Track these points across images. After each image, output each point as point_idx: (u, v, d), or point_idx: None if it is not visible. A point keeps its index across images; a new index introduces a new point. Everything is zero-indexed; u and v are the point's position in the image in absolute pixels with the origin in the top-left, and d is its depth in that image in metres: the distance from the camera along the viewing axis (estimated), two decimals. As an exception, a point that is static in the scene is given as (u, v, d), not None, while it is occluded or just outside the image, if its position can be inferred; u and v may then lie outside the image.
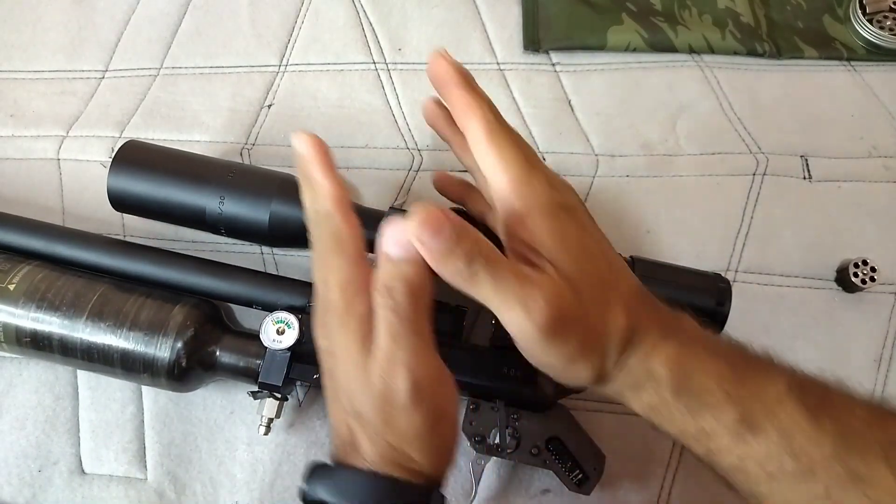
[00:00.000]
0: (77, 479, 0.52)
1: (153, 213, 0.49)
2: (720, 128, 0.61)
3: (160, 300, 0.48)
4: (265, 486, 0.51)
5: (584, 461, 0.45)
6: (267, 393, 0.47)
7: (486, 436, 0.46)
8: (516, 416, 0.46)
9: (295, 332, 0.46)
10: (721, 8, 0.65)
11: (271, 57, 0.65)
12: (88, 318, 0.46)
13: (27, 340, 0.47)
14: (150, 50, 0.66)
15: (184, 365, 0.46)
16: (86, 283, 0.48)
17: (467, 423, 0.46)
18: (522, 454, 0.45)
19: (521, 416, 0.46)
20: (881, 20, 0.64)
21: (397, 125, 0.61)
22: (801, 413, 0.34)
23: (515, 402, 0.46)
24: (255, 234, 0.49)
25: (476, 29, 0.66)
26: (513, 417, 0.46)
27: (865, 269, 0.54)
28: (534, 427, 0.46)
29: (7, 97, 0.64)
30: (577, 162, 0.59)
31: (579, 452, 0.45)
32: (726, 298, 0.46)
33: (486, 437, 0.45)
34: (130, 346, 0.46)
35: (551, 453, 0.45)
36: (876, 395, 0.52)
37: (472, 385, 0.46)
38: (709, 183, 0.58)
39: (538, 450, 0.45)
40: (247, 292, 0.49)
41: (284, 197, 0.47)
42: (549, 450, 0.45)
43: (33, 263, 0.49)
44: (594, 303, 0.34)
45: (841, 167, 0.59)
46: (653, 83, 0.63)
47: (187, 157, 0.50)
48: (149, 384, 0.49)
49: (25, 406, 0.53)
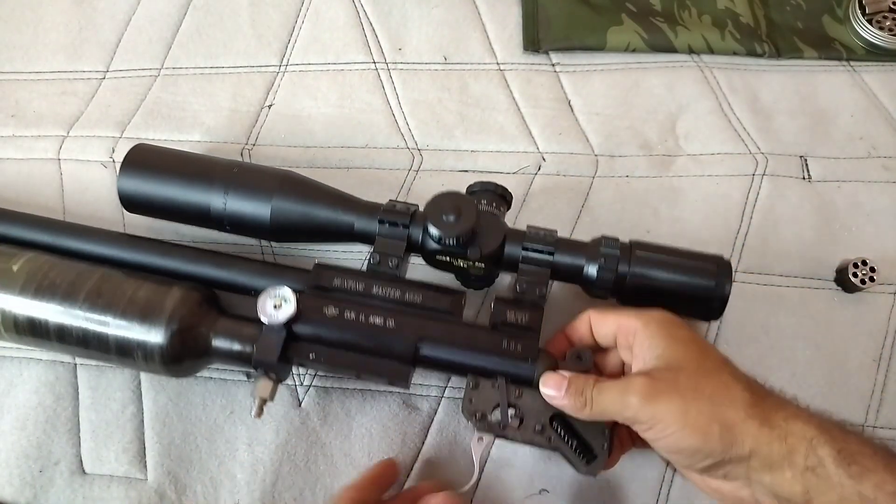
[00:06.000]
0: (78, 480, 0.52)
1: (161, 212, 0.52)
2: (720, 128, 0.61)
3: (156, 284, 0.48)
4: (266, 487, 0.51)
5: (591, 439, 0.44)
6: (262, 372, 0.47)
7: (488, 413, 0.45)
8: (518, 393, 0.45)
9: (292, 307, 0.45)
10: (720, 8, 0.65)
11: (271, 57, 0.65)
12: (85, 300, 0.47)
13: (25, 326, 0.47)
14: (151, 50, 0.66)
15: (178, 347, 0.46)
16: (85, 268, 0.49)
17: (467, 400, 0.45)
18: (526, 432, 0.44)
19: (524, 394, 0.45)
20: (881, 20, 0.64)
21: (397, 125, 0.61)
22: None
23: (516, 379, 0.46)
24: (257, 229, 0.50)
25: (476, 29, 0.66)
26: (515, 394, 0.45)
27: (865, 269, 0.54)
28: (537, 404, 0.45)
29: (8, 97, 0.64)
30: (576, 162, 0.59)
31: (585, 430, 0.44)
32: (726, 278, 0.46)
33: (488, 414, 0.45)
34: (125, 328, 0.46)
35: (556, 431, 0.45)
36: (875, 395, 0.52)
37: (473, 363, 0.46)
38: (709, 183, 0.58)
39: (542, 427, 0.45)
40: (244, 279, 0.50)
41: (285, 193, 0.49)
42: (553, 427, 0.45)
43: (37, 251, 0.50)
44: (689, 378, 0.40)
45: (841, 167, 0.59)
46: (652, 83, 0.63)
47: (192, 158, 0.52)
48: (144, 369, 0.49)
49: (26, 406, 0.53)
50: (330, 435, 0.52)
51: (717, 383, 0.40)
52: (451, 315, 0.47)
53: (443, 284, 0.49)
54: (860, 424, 0.52)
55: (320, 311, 0.46)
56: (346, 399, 0.53)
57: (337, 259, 0.56)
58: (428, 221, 0.46)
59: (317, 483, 0.51)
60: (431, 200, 0.47)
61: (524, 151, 0.60)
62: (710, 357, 0.42)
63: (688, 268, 0.46)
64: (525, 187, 0.58)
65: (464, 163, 0.59)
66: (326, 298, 0.47)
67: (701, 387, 0.39)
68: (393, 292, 0.47)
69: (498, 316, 0.47)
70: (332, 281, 0.48)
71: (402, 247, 0.48)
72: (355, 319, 0.46)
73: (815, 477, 0.37)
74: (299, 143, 0.61)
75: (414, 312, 0.47)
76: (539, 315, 0.47)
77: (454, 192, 0.48)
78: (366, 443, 0.52)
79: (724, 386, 0.40)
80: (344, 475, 0.51)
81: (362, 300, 0.47)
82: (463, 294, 0.48)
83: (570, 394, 0.43)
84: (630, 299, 0.47)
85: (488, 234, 0.47)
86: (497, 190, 0.50)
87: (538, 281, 0.47)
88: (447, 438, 0.52)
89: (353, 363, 0.46)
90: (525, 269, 0.48)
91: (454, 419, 0.52)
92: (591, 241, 0.48)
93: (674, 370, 0.41)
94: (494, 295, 0.48)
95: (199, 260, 0.51)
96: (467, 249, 0.47)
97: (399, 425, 0.52)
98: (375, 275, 0.48)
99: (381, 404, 0.52)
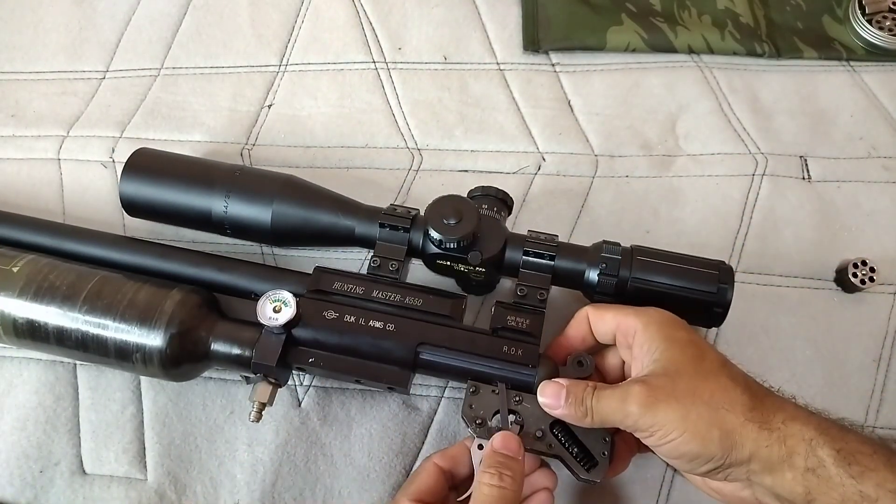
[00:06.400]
0: (78, 480, 0.52)
1: (163, 216, 0.52)
2: (720, 128, 0.61)
3: (156, 287, 0.48)
4: (266, 487, 0.51)
5: (592, 445, 0.44)
6: (261, 376, 0.46)
7: (488, 419, 0.44)
8: (518, 398, 0.45)
9: (291, 311, 0.45)
10: (720, 8, 0.65)
11: (271, 57, 0.65)
12: (84, 302, 0.47)
13: (24, 329, 0.47)
14: (151, 50, 0.66)
15: (177, 350, 0.46)
16: (85, 270, 0.49)
17: (467, 406, 0.45)
18: (526, 438, 0.44)
19: (524, 399, 0.45)
20: (880, 20, 0.64)
21: (397, 125, 0.61)
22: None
23: (516, 384, 0.45)
24: (258, 234, 0.51)
25: (476, 29, 0.66)
26: (515, 400, 0.45)
27: (864, 270, 0.54)
28: (537, 410, 0.44)
29: (8, 98, 0.64)
30: (576, 162, 0.59)
31: (586, 436, 0.44)
32: (728, 284, 0.46)
33: (488, 420, 0.44)
34: (124, 330, 0.46)
35: (556, 437, 0.44)
36: (875, 395, 0.52)
37: (473, 368, 0.46)
38: (708, 183, 0.58)
39: (542, 433, 0.44)
40: (244, 282, 0.50)
41: (286, 197, 0.49)
42: (553, 434, 0.44)
43: (37, 254, 0.50)
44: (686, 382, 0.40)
45: (840, 167, 0.59)
46: (652, 83, 0.63)
47: (193, 162, 0.52)
48: (143, 373, 0.49)
49: (26, 406, 0.53)
50: (330, 435, 0.52)
51: (715, 386, 0.40)
52: (452, 319, 0.47)
53: (443, 289, 0.49)
54: (860, 425, 0.52)
55: (320, 315, 0.46)
56: (346, 399, 0.53)
57: (337, 262, 0.56)
58: (429, 225, 0.46)
59: (316, 483, 0.51)
60: (432, 204, 0.47)
61: (524, 151, 0.60)
62: (708, 359, 0.42)
63: (689, 273, 0.46)
64: (525, 187, 0.58)
65: (464, 162, 0.59)
66: (326, 302, 0.47)
67: (699, 391, 0.39)
68: (393, 296, 0.47)
69: (498, 321, 0.47)
70: (333, 284, 0.48)
71: (403, 251, 0.48)
72: (355, 323, 0.46)
73: (815, 478, 0.37)
74: (299, 143, 0.61)
75: (414, 317, 0.47)
76: (540, 320, 0.47)
77: (455, 196, 0.48)
78: (365, 443, 0.52)
79: (722, 389, 0.40)
80: (344, 475, 0.51)
81: (362, 304, 0.47)
82: (463, 298, 0.48)
83: (570, 404, 0.42)
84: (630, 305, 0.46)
85: (489, 238, 0.47)
86: (498, 195, 0.50)
87: (539, 286, 0.47)
88: (447, 439, 0.52)
89: (352, 368, 0.46)
90: (526, 273, 0.48)
91: (454, 420, 0.52)
92: (592, 245, 0.48)
93: (671, 375, 0.40)
94: (495, 300, 0.48)
95: (199, 263, 0.51)
96: (468, 253, 0.47)
97: (399, 426, 0.52)
98: (376, 279, 0.48)
99: (380, 405, 0.53)
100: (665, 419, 0.39)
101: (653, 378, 0.41)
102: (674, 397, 0.39)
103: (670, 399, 0.39)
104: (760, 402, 0.40)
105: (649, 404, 0.39)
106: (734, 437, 0.38)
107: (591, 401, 0.42)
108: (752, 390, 0.40)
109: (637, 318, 0.43)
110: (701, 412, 0.39)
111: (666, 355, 0.41)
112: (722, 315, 0.46)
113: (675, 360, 0.41)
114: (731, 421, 0.39)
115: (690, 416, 0.39)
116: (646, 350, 0.42)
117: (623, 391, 0.41)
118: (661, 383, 0.40)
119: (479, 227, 0.46)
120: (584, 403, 0.42)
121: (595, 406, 0.41)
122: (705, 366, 0.41)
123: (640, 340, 0.43)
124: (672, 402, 0.39)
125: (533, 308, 0.47)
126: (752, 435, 0.38)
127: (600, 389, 0.42)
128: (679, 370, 0.40)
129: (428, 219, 0.47)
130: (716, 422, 0.39)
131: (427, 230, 0.47)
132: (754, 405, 0.39)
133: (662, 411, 0.39)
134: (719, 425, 0.38)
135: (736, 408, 0.39)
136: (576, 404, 0.42)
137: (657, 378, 0.40)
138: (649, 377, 0.41)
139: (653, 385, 0.40)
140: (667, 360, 0.41)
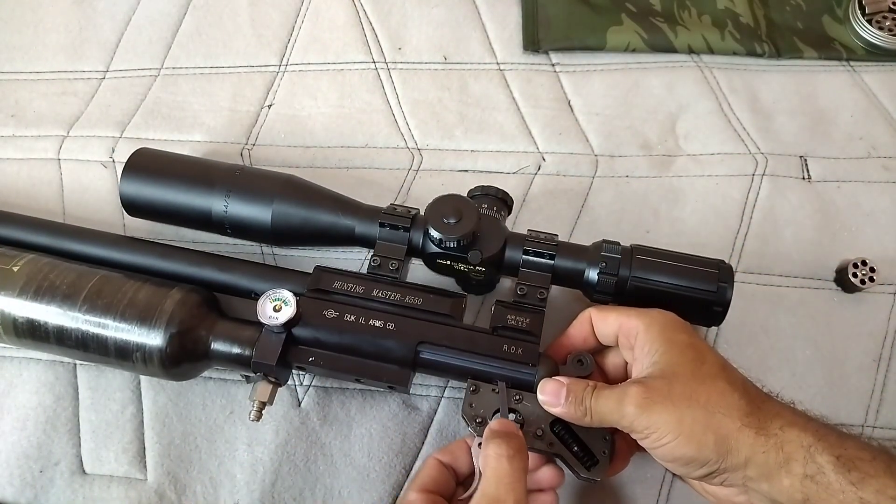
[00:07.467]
0: (78, 480, 0.52)
1: (163, 216, 0.52)
2: (720, 128, 0.61)
3: (156, 286, 0.48)
4: (266, 487, 0.51)
5: (592, 444, 0.44)
6: (261, 375, 0.47)
7: (488, 418, 0.44)
8: (519, 397, 0.45)
9: (292, 310, 0.45)
10: (720, 8, 0.65)
11: (271, 57, 0.65)
12: (85, 302, 0.47)
13: (24, 328, 0.47)
14: (151, 50, 0.66)
15: (177, 349, 0.46)
16: (85, 270, 0.49)
17: (467, 405, 0.45)
18: (526, 437, 0.44)
19: (524, 398, 0.45)
20: (880, 20, 0.64)
21: (397, 125, 0.61)
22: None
23: (517, 383, 0.45)
24: (258, 233, 0.51)
25: (476, 29, 0.66)
26: (515, 399, 0.45)
27: (864, 270, 0.54)
28: (538, 409, 0.44)
29: (8, 98, 0.64)
30: (576, 162, 0.59)
31: (586, 435, 0.44)
32: (728, 283, 0.46)
33: (488, 419, 0.44)
34: (124, 330, 0.46)
35: (557, 436, 0.44)
36: (875, 395, 0.52)
37: (473, 366, 0.46)
38: (708, 183, 0.58)
39: (542, 432, 0.44)
40: (244, 282, 0.50)
41: (286, 197, 0.49)
42: (554, 433, 0.44)
43: (37, 253, 0.50)
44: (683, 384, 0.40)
45: (840, 167, 0.59)
46: (652, 83, 0.63)
47: (193, 162, 0.52)
48: (143, 372, 0.49)
49: (26, 406, 0.53)
50: (330, 435, 0.52)
51: (712, 390, 0.40)
52: (452, 318, 0.47)
53: (443, 288, 0.49)
54: (860, 425, 0.52)
55: (320, 314, 0.46)
56: (346, 399, 0.53)
57: (337, 261, 0.56)
58: (429, 224, 0.46)
59: (316, 483, 0.51)
60: (432, 203, 0.47)
61: (524, 151, 0.60)
62: (707, 362, 0.41)
63: (689, 272, 0.46)
64: (525, 187, 0.58)
65: (464, 162, 0.59)
66: (326, 301, 0.47)
67: (696, 395, 0.39)
68: (393, 295, 0.47)
69: (498, 320, 0.47)
70: (333, 284, 0.48)
71: (403, 250, 0.48)
72: (355, 322, 0.46)
73: (815, 485, 0.37)
74: (299, 143, 0.61)
75: (414, 316, 0.47)
76: (540, 319, 0.47)
77: (455, 195, 0.48)
78: (365, 443, 0.52)
79: (719, 393, 0.40)
80: (344, 475, 0.51)
81: (362, 303, 0.47)
82: (463, 297, 0.48)
83: (569, 402, 0.42)
84: (631, 304, 0.46)
85: (489, 237, 0.47)
86: (498, 194, 0.50)
87: (539, 285, 0.47)
88: (447, 439, 0.52)
89: (352, 367, 0.46)
90: (526, 273, 0.48)
91: (454, 419, 0.52)
92: (592, 245, 0.48)
93: (669, 377, 0.40)
94: (495, 299, 0.48)
95: (199, 262, 0.51)
96: (468, 253, 0.47)
97: (399, 425, 0.52)
98: (376, 278, 0.48)
99: (380, 404, 0.53)
100: (660, 421, 0.39)
101: (651, 380, 0.41)
102: (670, 400, 0.39)
103: (666, 402, 0.39)
104: (758, 407, 0.39)
105: (645, 406, 0.39)
106: (729, 441, 0.38)
107: (591, 400, 0.42)
108: (750, 395, 0.40)
109: (639, 320, 0.43)
110: (696, 416, 0.39)
111: (665, 357, 0.41)
112: (722, 314, 0.46)
113: (673, 363, 0.41)
114: (726, 425, 0.38)
115: (685, 420, 0.39)
116: (646, 351, 0.42)
117: (621, 392, 0.41)
118: (659, 385, 0.40)
119: (479, 227, 0.46)
120: (583, 403, 0.42)
121: (594, 406, 0.42)
122: (704, 369, 0.41)
123: (642, 342, 0.42)
124: (668, 404, 0.39)
125: (533, 307, 0.47)
126: (748, 440, 0.38)
127: (600, 389, 0.42)
128: (677, 373, 0.40)
129: (428, 218, 0.47)
130: (711, 426, 0.38)
131: (427, 229, 0.47)
132: (751, 410, 0.39)
133: (658, 413, 0.39)
134: (714, 429, 0.38)
135: (732, 412, 0.39)
136: (575, 403, 0.42)
137: (655, 380, 0.40)
138: (647, 379, 0.41)
139: (650, 387, 0.40)
140: (666, 362, 0.41)
